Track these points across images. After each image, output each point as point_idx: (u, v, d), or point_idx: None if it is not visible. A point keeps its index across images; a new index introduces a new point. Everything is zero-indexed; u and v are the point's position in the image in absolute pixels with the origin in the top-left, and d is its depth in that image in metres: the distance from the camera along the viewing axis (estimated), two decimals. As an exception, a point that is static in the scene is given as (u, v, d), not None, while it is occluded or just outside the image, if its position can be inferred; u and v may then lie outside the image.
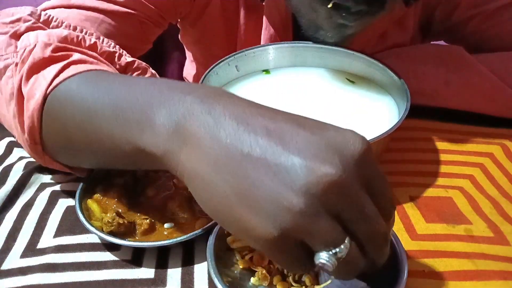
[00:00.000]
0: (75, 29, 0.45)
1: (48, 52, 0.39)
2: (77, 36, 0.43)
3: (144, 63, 0.47)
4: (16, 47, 0.42)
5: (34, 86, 0.38)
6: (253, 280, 0.35)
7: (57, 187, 0.45)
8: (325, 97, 0.53)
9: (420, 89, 0.55)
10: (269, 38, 0.61)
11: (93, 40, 0.44)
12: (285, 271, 0.35)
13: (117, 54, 0.45)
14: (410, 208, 0.44)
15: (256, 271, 0.35)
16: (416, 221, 0.42)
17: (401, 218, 0.43)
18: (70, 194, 0.44)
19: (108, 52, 0.45)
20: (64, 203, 0.43)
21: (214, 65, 0.52)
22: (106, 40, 0.46)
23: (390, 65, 0.52)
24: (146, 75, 0.47)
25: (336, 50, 0.56)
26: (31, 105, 0.38)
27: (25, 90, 0.39)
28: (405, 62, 0.56)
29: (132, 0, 0.52)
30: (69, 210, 0.42)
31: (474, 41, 0.64)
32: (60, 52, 0.40)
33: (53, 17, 0.45)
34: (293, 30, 0.62)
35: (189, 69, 0.77)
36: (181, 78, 0.87)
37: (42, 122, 0.38)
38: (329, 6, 0.46)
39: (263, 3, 0.59)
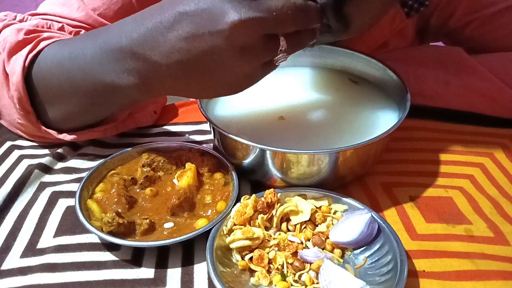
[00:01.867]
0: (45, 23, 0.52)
1: (21, 36, 0.46)
2: (46, 23, 0.51)
3: None
4: None
5: (14, 64, 0.45)
6: (253, 280, 0.35)
7: (57, 187, 0.45)
8: (327, 96, 0.53)
9: (420, 90, 0.55)
10: None
11: (60, 24, 0.51)
12: (285, 271, 0.35)
13: (82, 32, 0.52)
14: (410, 208, 0.44)
15: (256, 271, 0.35)
16: (416, 221, 0.42)
17: (401, 218, 0.43)
18: (70, 194, 0.44)
19: (73, 31, 0.52)
20: (64, 203, 0.43)
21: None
22: (72, 26, 0.53)
23: (390, 66, 0.52)
24: None
25: (337, 50, 0.56)
26: (14, 79, 0.45)
27: (8, 69, 0.45)
28: (405, 63, 0.56)
29: (89, 18, 0.53)
30: (69, 210, 0.42)
31: (472, 44, 0.64)
32: (32, 34, 0.47)
33: (27, 17, 0.52)
34: None
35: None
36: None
37: (28, 91, 0.45)
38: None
39: None
